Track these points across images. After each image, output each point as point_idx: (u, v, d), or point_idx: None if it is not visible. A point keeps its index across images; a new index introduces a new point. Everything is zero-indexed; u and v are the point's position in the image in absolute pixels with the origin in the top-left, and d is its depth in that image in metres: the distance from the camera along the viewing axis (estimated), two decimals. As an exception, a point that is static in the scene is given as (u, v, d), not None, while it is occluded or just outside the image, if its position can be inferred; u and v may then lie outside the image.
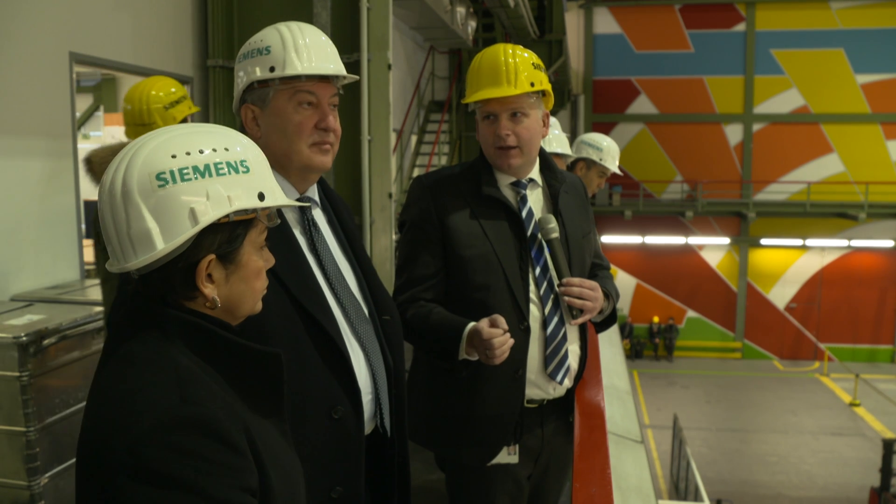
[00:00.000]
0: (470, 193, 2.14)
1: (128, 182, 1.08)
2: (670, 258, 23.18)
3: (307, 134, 1.62)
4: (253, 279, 1.19)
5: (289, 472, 1.20)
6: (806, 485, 15.03)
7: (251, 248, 1.17)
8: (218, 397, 1.08)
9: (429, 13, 8.35)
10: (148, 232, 1.07)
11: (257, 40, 1.63)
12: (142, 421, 1.01)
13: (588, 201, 2.39)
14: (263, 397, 1.19)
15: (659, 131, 22.89)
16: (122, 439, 1.00)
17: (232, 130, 1.21)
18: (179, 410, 1.02)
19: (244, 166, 1.15)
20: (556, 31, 13.08)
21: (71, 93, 4.07)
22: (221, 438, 1.03)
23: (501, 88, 2.07)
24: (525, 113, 2.09)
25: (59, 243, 4.02)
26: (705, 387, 20.94)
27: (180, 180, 1.08)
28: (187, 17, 5.16)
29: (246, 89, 1.62)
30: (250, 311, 1.22)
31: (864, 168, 21.79)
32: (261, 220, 1.17)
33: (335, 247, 1.71)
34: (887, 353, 22.74)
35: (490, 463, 2.16)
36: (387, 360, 1.69)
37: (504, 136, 2.09)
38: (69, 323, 3.16)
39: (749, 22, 22.16)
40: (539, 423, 2.21)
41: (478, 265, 2.09)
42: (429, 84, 13.58)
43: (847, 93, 21.93)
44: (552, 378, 2.14)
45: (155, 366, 1.07)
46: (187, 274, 1.11)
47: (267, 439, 1.15)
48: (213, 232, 1.11)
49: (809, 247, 22.50)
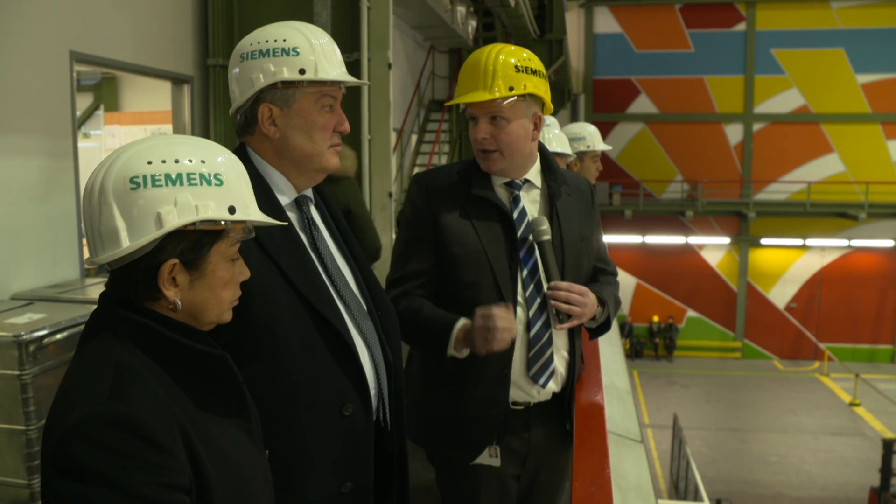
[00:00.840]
0: (464, 192, 2.15)
1: (105, 182, 1.14)
2: (670, 258, 23.18)
3: (329, 136, 1.65)
4: (219, 289, 1.22)
5: (240, 470, 1.22)
6: (806, 484, 15.04)
7: (219, 258, 1.21)
8: (153, 396, 1.10)
9: (429, 12, 8.35)
10: (116, 230, 1.13)
11: (279, 39, 1.61)
12: (70, 416, 1.05)
13: (594, 204, 2.35)
14: (219, 397, 1.23)
15: (659, 131, 22.88)
16: (54, 434, 1.06)
17: (217, 145, 1.24)
18: (104, 406, 1.05)
19: (217, 179, 1.18)
20: (556, 31, 13.08)
21: (71, 92, 4.07)
22: (144, 435, 1.05)
23: (477, 93, 2.06)
24: (505, 117, 2.07)
25: (59, 242, 4.02)
26: (705, 386, 20.94)
27: (151, 185, 1.13)
28: (187, 16, 5.16)
29: (265, 88, 1.61)
30: (216, 319, 1.25)
31: (864, 168, 21.78)
32: (230, 234, 1.20)
33: (332, 244, 1.72)
34: (887, 352, 22.74)
35: (472, 463, 2.17)
36: (386, 355, 1.71)
37: (482, 140, 2.09)
38: (69, 321, 3.16)
39: (749, 21, 22.15)
40: (525, 427, 2.21)
41: (467, 263, 2.09)
42: (429, 83, 13.58)
43: (847, 92, 21.92)
44: (535, 381, 2.13)
45: (95, 363, 1.12)
46: (150, 275, 1.15)
47: (216, 438, 1.18)
48: (178, 238, 1.15)
49: (809, 246, 22.50)
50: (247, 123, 1.65)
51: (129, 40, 4.60)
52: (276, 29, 1.64)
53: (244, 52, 1.63)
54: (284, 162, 1.64)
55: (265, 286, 1.49)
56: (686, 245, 23.09)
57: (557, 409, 2.26)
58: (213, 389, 1.22)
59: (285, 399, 1.51)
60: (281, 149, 1.63)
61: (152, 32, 4.81)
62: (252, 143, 1.66)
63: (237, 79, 1.64)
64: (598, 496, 1.77)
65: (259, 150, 1.65)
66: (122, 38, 4.54)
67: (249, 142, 1.67)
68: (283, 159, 1.64)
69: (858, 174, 21.76)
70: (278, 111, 1.61)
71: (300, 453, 1.53)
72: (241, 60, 1.63)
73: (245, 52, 1.63)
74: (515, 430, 2.19)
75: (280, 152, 1.63)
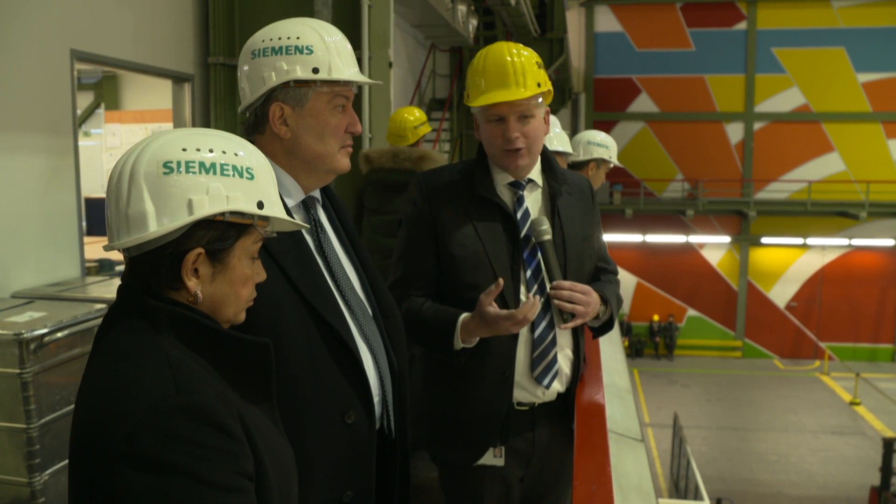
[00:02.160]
0: (466, 193, 2.13)
1: (137, 165, 1.13)
2: (671, 257, 23.18)
3: (341, 137, 1.63)
4: (238, 285, 1.21)
5: (280, 457, 1.23)
6: (806, 483, 15.04)
7: (242, 253, 1.20)
8: (211, 385, 1.10)
9: (430, 11, 8.35)
10: (144, 213, 1.11)
11: (292, 37, 1.57)
12: (138, 410, 1.03)
13: (595, 204, 2.34)
14: (253, 385, 1.22)
15: (660, 130, 22.88)
16: (120, 428, 1.03)
17: (246, 141, 1.24)
18: (175, 398, 1.04)
19: (249, 173, 1.18)
20: (557, 30, 13.09)
21: (72, 90, 4.07)
22: (217, 424, 1.06)
23: (511, 91, 2.03)
24: (532, 114, 2.07)
25: (60, 240, 4.02)
26: (706, 385, 20.95)
27: (185, 171, 1.13)
28: (188, 14, 5.16)
29: (277, 86, 1.57)
30: (233, 318, 1.24)
31: (864, 167, 21.78)
32: (256, 229, 1.20)
33: (338, 247, 1.69)
34: (888, 352, 22.75)
35: (476, 463, 2.16)
36: (391, 361, 1.69)
37: (514, 139, 2.06)
38: (70, 320, 3.16)
39: (750, 20, 22.15)
40: (529, 427, 2.20)
41: (468, 265, 2.08)
42: (430, 82, 13.55)
43: (848, 91, 21.92)
44: (539, 382, 2.13)
45: (147, 356, 1.10)
46: (174, 263, 1.14)
47: (259, 426, 1.18)
48: (206, 227, 1.14)
49: (810, 245, 22.50)
50: (257, 122, 1.60)
51: (130, 39, 4.60)
52: (290, 26, 1.59)
53: (256, 49, 1.58)
54: (294, 162, 1.61)
55: (269, 290, 1.45)
56: (686, 244, 23.09)
57: (563, 409, 2.25)
58: (249, 377, 1.21)
59: (287, 405, 1.46)
60: (292, 149, 1.60)
61: (153, 31, 4.81)
62: (261, 142, 1.61)
63: (248, 76, 1.59)
64: (599, 494, 1.77)
65: (268, 149, 1.58)
66: (123, 37, 4.54)
67: (258, 141, 1.61)
68: (293, 159, 1.60)
69: (859, 173, 21.76)
70: (290, 110, 1.57)
71: (301, 460, 1.47)
72: (253, 57, 1.58)
73: (257, 48, 1.58)
74: (520, 431, 2.18)
75: (290, 152, 1.60)
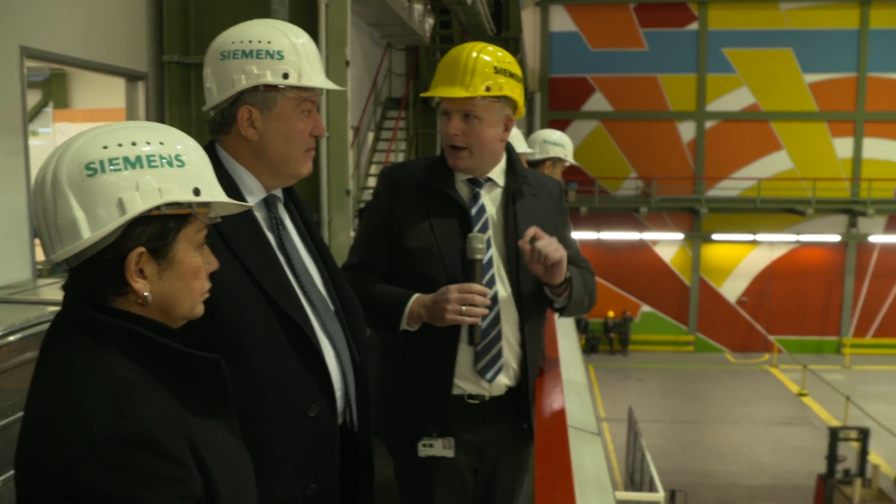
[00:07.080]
0: (425, 187, 2.18)
1: (58, 172, 1.06)
2: (625, 254, 23.48)
3: (306, 141, 1.64)
4: (189, 278, 1.15)
5: (235, 470, 1.19)
6: (756, 473, 15.41)
7: (187, 245, 1.14)
8: (155, 408, 1.05)
9: (386, 10, 8.35)
10: (74, 221, 1.05)
11: (263, 41, 1.57)
12: (77, 439, 0.98)
13: (564, 205, 2.38)
14: (205, 399, 1.17)
15: (614, 128, 23.14)
16: (59, 457, 0.98)
17: (173, 129, 1.17)
18: (115, 426, 0.99)
19: (179, 160, 1.11)
20: (512, 29, 13.19)
21: (22, 88, 3.97)
22: (159, 451, 1.01)
23: (453, 89, 2.08)
24: (478, 116, 2.09)
25: (9, 242, 3.93)
26: (659, 380, 21.30)
27: (110, 170, 1.06)
28: (141, 11, 5.07)
29: (246, 89, 1.57)
30: (189, 313, 1.18)
31: (811, 165, 22.32)
32: (197, 217, 1.14)
33: (300, 244, 1.71)
34: (833, 344, 23.37)
35: (426, 454, 2.18)
36: (353, 356, 1.71)
37: (452, 136, 2.11)
38: (22, 323, 3.09)
39: (702, 21, 22.52)
40: (480, 421, 2.22)
41: (420, 258, 2.13)
42: (386, 81, 13.53)
43: (795, 92, 22.43)
44: (482, 375, 2.16)
45: (89, 378, 1.04)
46: (116, 267, 1.08)
47: (212, 441, 1.13)
48: (143, 224, 1.08)
49: (759, 242, 23.02)
50: (223, 122, 1.61)
51: (82, 36, 4.51)
52: (259, 28, 1.60)
53: (225, 51, 1.58)
54: (260, 164, 1.62)
55: (231, 286, 1.47)
56: (640, 241, 23.41)
57: (514, 405, 2.27)
58: (202, 392, 1.16)
59: (250, 399, 1.48)
60: (258, 151, 1.61)
61: (105, 28, 4.72)
62: (227, 141, 1.63)
63: (215, 76, 1.59)
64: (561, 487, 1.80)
65: (233, 150, 1.62)
66: (74, 34, 4.45)
67: (223, 141, 1.63)
68: (259, 161, 1.62)
69: (806, 171, 22.30)
70: (258, 114, 1.59)
71: (264, 454, 1.50)
72: (222, 59, 1.58)
73: (227, 50, 1.58)
74: (471, 424, 2.21)
75: (257, 154, 1.61)
